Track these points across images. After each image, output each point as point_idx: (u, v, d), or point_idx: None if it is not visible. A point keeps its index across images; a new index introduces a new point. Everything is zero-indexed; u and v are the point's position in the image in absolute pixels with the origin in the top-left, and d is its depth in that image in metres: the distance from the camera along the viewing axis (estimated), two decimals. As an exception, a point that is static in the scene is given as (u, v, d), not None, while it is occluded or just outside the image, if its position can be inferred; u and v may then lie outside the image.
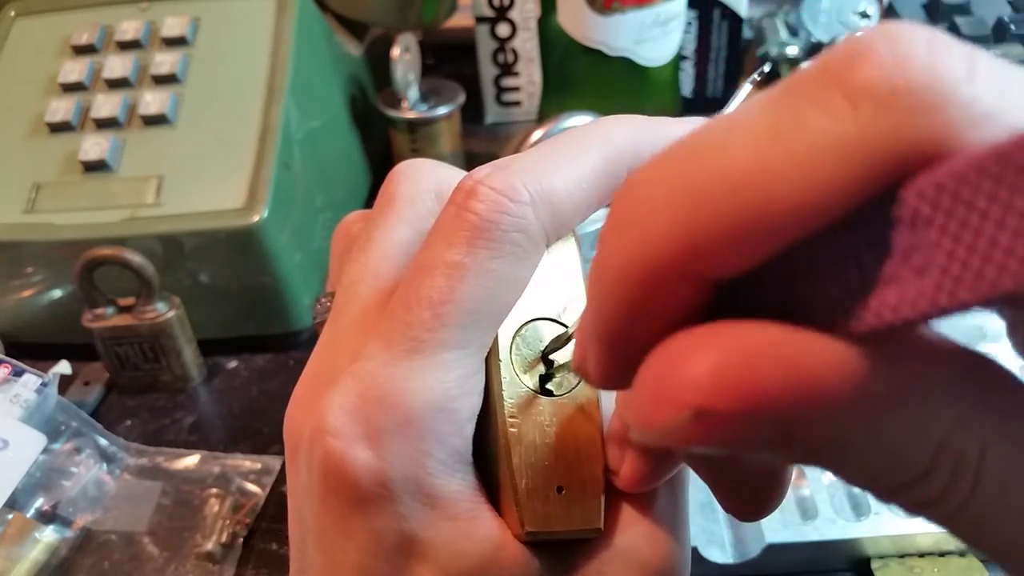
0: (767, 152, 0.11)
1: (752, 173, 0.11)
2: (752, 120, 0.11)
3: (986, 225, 0.09)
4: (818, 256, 0.12)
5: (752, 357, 0.11)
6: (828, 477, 0.40)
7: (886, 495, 0.13)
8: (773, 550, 0.37)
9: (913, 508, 0.13)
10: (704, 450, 0.12)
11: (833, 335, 0.11)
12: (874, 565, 0.37)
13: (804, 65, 0.13)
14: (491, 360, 0.20)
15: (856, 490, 0.39)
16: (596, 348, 0.14)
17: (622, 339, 0.13)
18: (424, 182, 0.22)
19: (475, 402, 0.20)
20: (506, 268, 0.19)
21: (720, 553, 0.38)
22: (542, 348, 0.21)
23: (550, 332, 0.21)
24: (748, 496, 0.18)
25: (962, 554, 0.37)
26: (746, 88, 0.24)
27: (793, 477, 0.39)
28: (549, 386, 0.21)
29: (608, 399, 0.21)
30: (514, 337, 0.21)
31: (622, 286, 0.13)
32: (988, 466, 0.12)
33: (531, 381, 0.21)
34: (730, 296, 0.13)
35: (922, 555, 0.37)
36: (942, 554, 0.37)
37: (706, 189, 0.11)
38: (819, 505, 0.38)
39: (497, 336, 0.20)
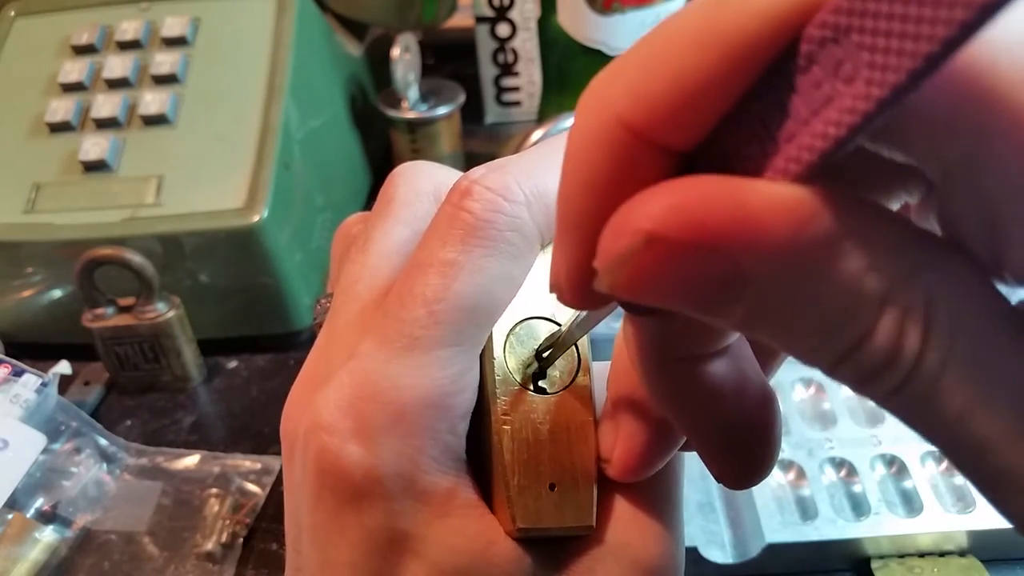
0: (709, 9, 0.12)
1: (694, 31, 0.12)
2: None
3: (894, 8, 0.10)
4: (762, 115, 0.12)
5: (703, 195, 0.12)
6: (828, 477, 0.40)
7: (835, 364, 0.13)
8: (773, 550, 0.37)
9: (862, 379, 0.13)
10: (658, 297, 0.13)
11: (783, 179, 0.12)
12: (874, 565, 0.37)
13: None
14: (485, 358, 0.21)
15: (856, 490, 0.39)
16: (566, 242, 0.15)
17: (588, 219, 0.14)
18: (422, 184, 0.22)
19: (469, 399, 0.20)
20: (500, 266, 0.19)
21: (720, 553, 0.38)
22: (536, 346, 0.21)
23: (544, 331, 0.21)
24: (736, 454, 0.18)
25: (962, 554, 0.37)
26: None
27: (793, 477, 0.40)
28: (542, 384, 0.21)
29: (601, 397, 0.21)
30: (508, 335, 0.21)
31: (585, 160, 0.13)
32: (934, 324, 0.12)
33: (524, 379, 0.21)
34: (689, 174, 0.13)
35: (922, 555, 0.37)
36: (942, 554, 0.37)
37: (655, 55, 0.12)
38: (819, 505, 0.38)
39: (491, 334, 0.21)
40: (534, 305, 0.21)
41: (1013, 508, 0.13)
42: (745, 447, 0.18)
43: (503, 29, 0.69)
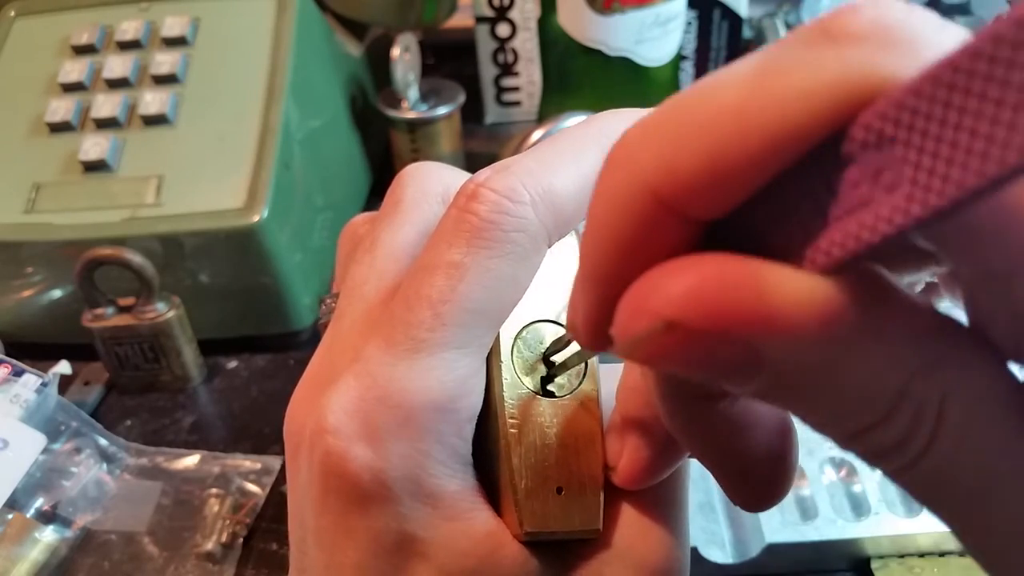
0: (751, 88, 0.12)
1: (734, 109, 0.12)
2: (744, 65, 0.12)
3: (944, 132, 0.10)
4: (793, 198, 0.12)
5: (725, 282, 0.12)
6: (828, 477, 0.40)
7: (846, 440, 0.13)
8: (773, 550, 0.37)
9: (872, 456, 0.13)
10: (676, 368, 0.13)
11: (808, 270, 0.12)
12: (874, 565, 0.37)
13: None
14: (492, 361, 0.21)
15: (856, 490, 0.39)
16: (585, 292, 0.15)
17: (609, 277, 0.14)
18: (430, 185, 0.22)
19: (475, 403, 0.20)
20: (506, 268, 0.19)
21: (720, 553, 0.38)
22: (543, 350, 0.21)
23: (551, 334, 0.21)
24: (752, 482, 0.18)
25: (962, 554, 0.37)
26: None
27: (793, 477, 0.40)
28: (550, 387, 0.21)
29: (608, 401, 0.21)
30: (515, 338, 0.21)
31: (610, 220, 0.13)
32: (947, 418, 0.12)
33: (532, 382, 0.21)
34: (713, 241, 0.13)
35: (922, 555, 0.37)
36: (942, 554, 0.37)
37: (690, 126, 0.12)
38: (819, 505, 0.38)
39: (499, 337, 0.21)
40: (541, 308, 0.21)
41: None
42: (762, 476, 0.18)
43: (503, 29, 0.69)
